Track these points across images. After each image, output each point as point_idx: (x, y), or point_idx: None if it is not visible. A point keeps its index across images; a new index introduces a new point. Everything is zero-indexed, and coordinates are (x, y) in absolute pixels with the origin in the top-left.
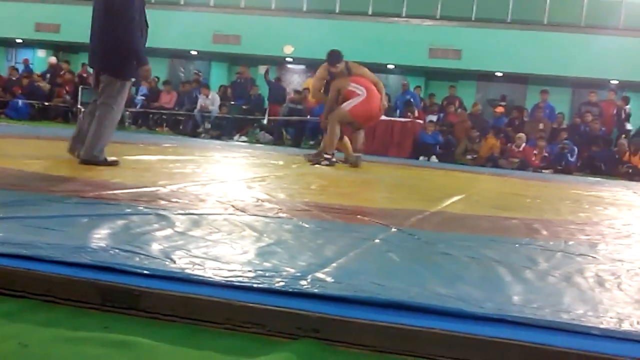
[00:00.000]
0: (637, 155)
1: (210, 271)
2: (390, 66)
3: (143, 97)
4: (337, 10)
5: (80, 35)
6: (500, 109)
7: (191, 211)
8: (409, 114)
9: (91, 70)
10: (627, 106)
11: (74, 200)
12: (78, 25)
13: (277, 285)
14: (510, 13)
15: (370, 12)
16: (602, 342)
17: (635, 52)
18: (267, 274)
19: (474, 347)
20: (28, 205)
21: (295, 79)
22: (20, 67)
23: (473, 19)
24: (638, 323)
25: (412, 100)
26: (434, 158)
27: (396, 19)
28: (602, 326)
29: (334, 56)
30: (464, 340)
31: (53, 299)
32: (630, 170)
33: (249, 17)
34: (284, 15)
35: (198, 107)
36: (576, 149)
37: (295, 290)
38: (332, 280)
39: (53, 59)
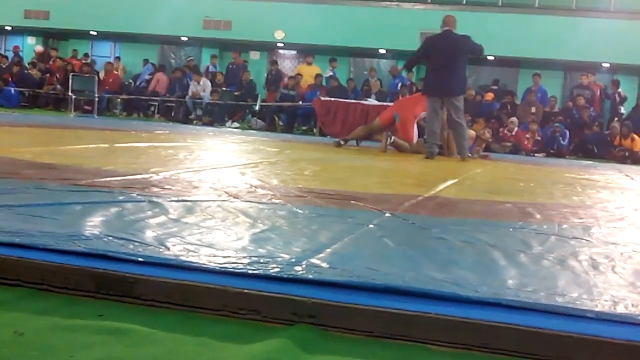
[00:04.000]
0: (629, 138)
1: (205, 258)
2: (382, 51)
3: (150, 75)
4: None
5: (69, 22)
6: (490, 96)
7: (184, 198)
8: (400, 97)
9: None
10: (620, 89)
11: (66, 188)
12: (67, 11)
13: (272, 271)
14: None
15: None
16: (597, 325)
17: (626, 34)
18: (261, 260)
19: (470, 331)
20: (20, 193)
21: (287, 65)
22: (10, 55)
23: (464, 2)
24: (633, 305)
25: (400, 83)
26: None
27: (387, 3)
28: (597, 309)
29: None
30: (459, 324)
31: (48, 287)
32: (627, 154)
33: (239, 2)
34: (275, 1)
35: (189, 93)
36: (568, 133)
37: (290, 276)
38: (327, 265)
39: (39, 48)
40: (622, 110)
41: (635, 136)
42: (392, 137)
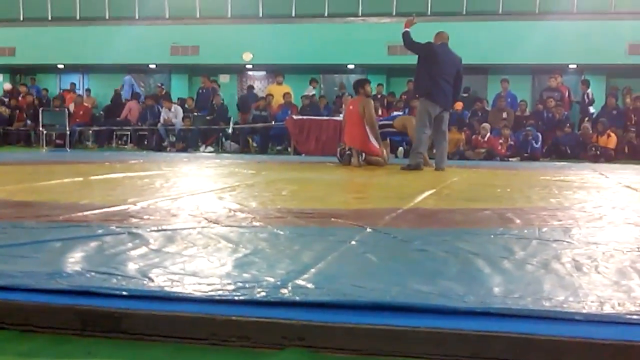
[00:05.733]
0: (605, 135)
1: (190, 287)
2: (351, 66)
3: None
4: (293, 14)
5: (36, 57)
6: (459, 105)
7: (164, 227)
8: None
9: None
10: (589, 90)
11: (44, 225)
12: (33, 46)
13: (258, 295)
14: (465, 5)
15: (326, 14)
16: (585, 326)
17: (591, 35)
18: (247, 285)
19: (461, 342)
20: None
21: (257, 86)
22: None
23: (429, 13)
24: (619, 305)
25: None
26: (400, 154)
27: (353, 18)
28: (584, 311)
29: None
30: (449, 336)
31: (32, 328)
32: (598, 152)
33: (205, 26)
34: (241, 23)
35: (161, 120)
36: (540, 136)
37: (277, 299)
38: (313, 286)
39: (8, 85)
40: (592, 110)
41: (612, 133)
42: (364, 154)
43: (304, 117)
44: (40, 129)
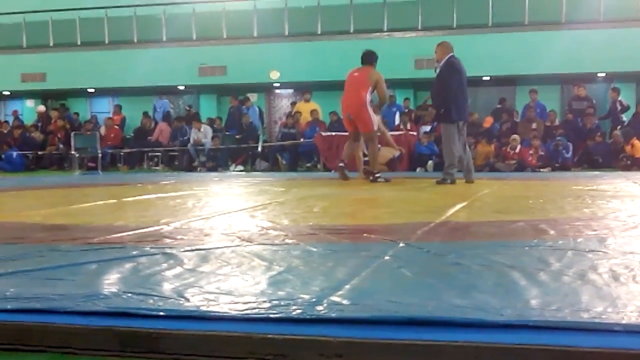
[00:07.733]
0: (630, 144)
1: (226, 306)
2: None
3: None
4: (319, 32)
5: (66, 82)
6: (489, 121)
7: (198, 247)
8: (400, 126)
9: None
10: (620, 97)
11: (79, 247)
12: (64, 72)
13: (294, 313)
14: (490, 17)
15: (352, 30)
16: (626, 337)
17: (619, 42)
18: (282, 303)
19: (499, 355)
20: (34, 257)
21: (285, 104)
22: (10, 119)
23: (454, 26)
24: None
25: (398, 112)
26: (430, 168)
27: (379, 34)
28: (624, 322)
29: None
30: (487, 350)
31: (72, 350)
32: (629, 162)
33: (232, 47)
34: (267, 42)
35: (191, 141)
36: (571, 145)
37: (313, 316)
38: (348, 302)
39: (42, 108)
40: (624, 118)
41: (636, 141)
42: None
43: (333, 133)
44: (73, 152)
